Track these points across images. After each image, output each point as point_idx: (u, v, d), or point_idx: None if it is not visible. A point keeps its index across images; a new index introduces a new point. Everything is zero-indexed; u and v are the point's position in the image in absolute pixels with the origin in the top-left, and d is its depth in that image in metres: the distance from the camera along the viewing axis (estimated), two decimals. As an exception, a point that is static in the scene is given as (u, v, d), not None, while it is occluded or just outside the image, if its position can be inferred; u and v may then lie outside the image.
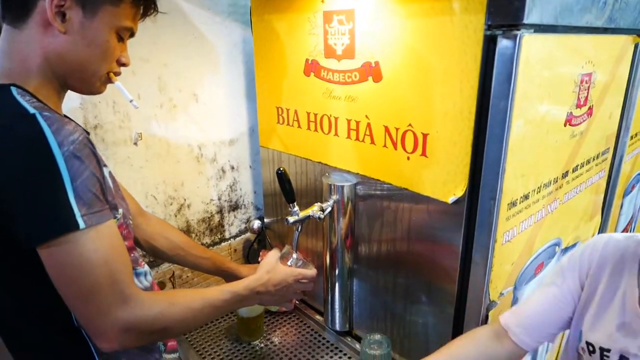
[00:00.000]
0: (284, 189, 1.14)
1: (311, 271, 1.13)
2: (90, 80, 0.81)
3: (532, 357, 1.39)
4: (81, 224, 0.67)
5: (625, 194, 1.73)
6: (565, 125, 1.06)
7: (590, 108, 1.16)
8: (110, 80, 0.85)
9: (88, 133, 0.79)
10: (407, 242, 1.14)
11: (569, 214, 1.26)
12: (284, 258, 1.17)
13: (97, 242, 0.70)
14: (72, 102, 1.18)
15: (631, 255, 0.83)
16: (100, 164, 0.75)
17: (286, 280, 1.05)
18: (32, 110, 0.68)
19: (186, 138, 1.46)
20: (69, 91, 0.83)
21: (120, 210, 0.84)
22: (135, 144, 1.33)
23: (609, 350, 0.81)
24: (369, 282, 1.30)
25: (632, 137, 1.55)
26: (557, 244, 1.25)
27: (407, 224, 1.13)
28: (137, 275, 0.90)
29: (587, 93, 1.12)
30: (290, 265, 1.16)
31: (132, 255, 0.88)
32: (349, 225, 1.27)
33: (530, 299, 0.94)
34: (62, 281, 0.71)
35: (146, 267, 0.94)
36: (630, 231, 2.10)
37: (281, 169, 1.13)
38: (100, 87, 0.84)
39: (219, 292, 0.93)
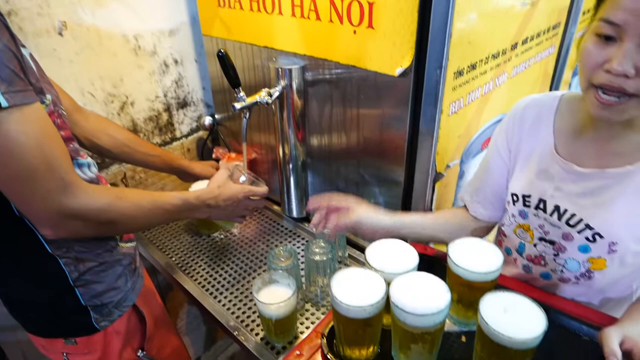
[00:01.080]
0: (227, 74, 1.08)
1: (262, 189, 1.13)
2: None
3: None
4: (3, 102, 0.62)
5: (575, 73, 1.75)
6: (515, -9, 1.03)
7: (542, -26, 1.11)
8: None
9: None
10: (357, 125, 1.13)
11: (517, 89, 1.27)
12: (235, 176, 1.15)
13: (24, 124, 0.66)
14: (-25, -16, 1.03)
15: (548, 109, 0.87)
16: (16, 40, 0.67)
17: (236, 196, 1.05)
18: None
19: (119, 27, 1.33)
20: None
21: (49, 96, 0.77)
22: (60, 34, 1.20)
23: (529, 196, 0.89)
24: (323, 169, 1.31)
25: (584, 13, 1.53)
26: (505, 120, 1.27)
27: (356, 106, 1.11)
28: (80, 166, 0.86)
29: (540, -44, 1.06)
30: (242, 183, 1.15)
31: (71, 145, 0.84)
32: (300, 114, 1.24)
33: (477, 174, 1.01)
34: None
35: (89, 159, 0.90)
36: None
37: (222, 50, 1.06)
38: None
39: (170, 196, 0.93)
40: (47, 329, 0.92)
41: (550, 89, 1.56)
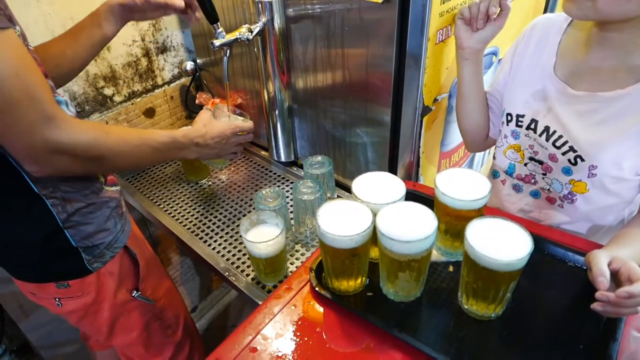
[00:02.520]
0: (204, 8, 1.03)
1: (248, 123, 1.10)
2: None
3: (468, 166, 1.48)
4: None
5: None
6: None
7: None
8: None
9: None
10: (342, 62, 1.09)
11: (508, 21, 1.22)
12: (217, 115, 1.12)
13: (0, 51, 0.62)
14: None
15: (556, 29, 0.87)
16: None
17: (224, 133, 1.03)
18: None
19: (87, -36, 1.25)
20: None
21: (18, 28, 0.73)
22: (24, -29, 1.13)
23: (523, 116, 0.89)
24: (309, 111, 1.28)
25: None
26: (494, 53, 1.23)
27: (340, 42, 1.06)
28: (58, 103, 0.82)
29: None
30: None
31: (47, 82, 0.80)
32: (284, 56, 1.19)
33: (492, 82, 1.03)
34: None
35: (66, 98, 0.86)
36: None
37: None
38: None
39: (157, 134, 0.90)
40: (37, 273, 0.92)
41: (543, 23, 1.51)
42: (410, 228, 0.69)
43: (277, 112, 1.31)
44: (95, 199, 0.90)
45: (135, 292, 1.03)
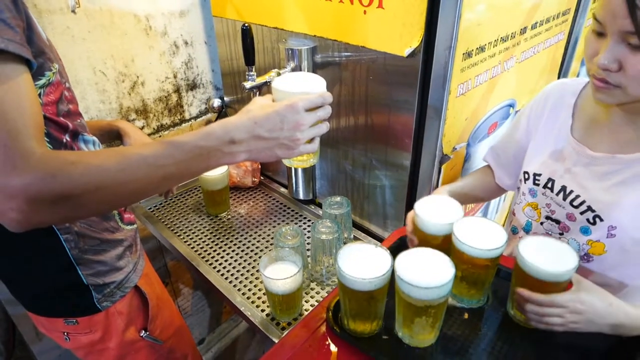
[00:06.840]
0: (246, 48, 1.09)
1: (317, 94, 0.73)
2: None
3: (483, 213, 1.49)
4: None
5: (583, 62, 1.74)
6: (527, -26, 1.02)
7: (554, -42, 1.11)
8: None
9: None
10: (365, 108, 1.14)
11: (525, 74, 1.27)
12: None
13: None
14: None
15: (571, 92, 0.90)
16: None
17: (278, 112, 0.69)
18: None
19: (130, 7, 1.34)
20: None
21: (56, 66, 0.74)
22: (73, 11, 1.21)
23: (540, 175, 0.91)
24: (330, 152, 1.33)
25: (594, 1, 1.52)
26: (512, 105, 1.28)
27: (364, 89, 1.12)
28: (86, 142, 0.84)
29: (553, -60, 1.06)
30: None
31: (78, 120, 0.82)
32: (309, 95, 1.25)
33: (501, 141, 1.07)
34: None
35: (94, 138, 0.88)
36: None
37: (246, 24, 1.07)
38: None
39: (159, 145, 0.62)
40: (46, 307, 0.91)
41: (559, 75, 1.56)
42: (428, 274, 0.71)
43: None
44: (109, 236, 0.90)
45: (143, 332, 1.01)
